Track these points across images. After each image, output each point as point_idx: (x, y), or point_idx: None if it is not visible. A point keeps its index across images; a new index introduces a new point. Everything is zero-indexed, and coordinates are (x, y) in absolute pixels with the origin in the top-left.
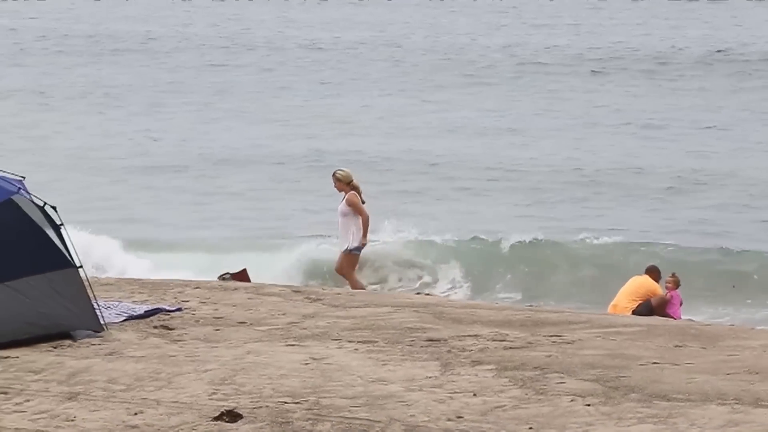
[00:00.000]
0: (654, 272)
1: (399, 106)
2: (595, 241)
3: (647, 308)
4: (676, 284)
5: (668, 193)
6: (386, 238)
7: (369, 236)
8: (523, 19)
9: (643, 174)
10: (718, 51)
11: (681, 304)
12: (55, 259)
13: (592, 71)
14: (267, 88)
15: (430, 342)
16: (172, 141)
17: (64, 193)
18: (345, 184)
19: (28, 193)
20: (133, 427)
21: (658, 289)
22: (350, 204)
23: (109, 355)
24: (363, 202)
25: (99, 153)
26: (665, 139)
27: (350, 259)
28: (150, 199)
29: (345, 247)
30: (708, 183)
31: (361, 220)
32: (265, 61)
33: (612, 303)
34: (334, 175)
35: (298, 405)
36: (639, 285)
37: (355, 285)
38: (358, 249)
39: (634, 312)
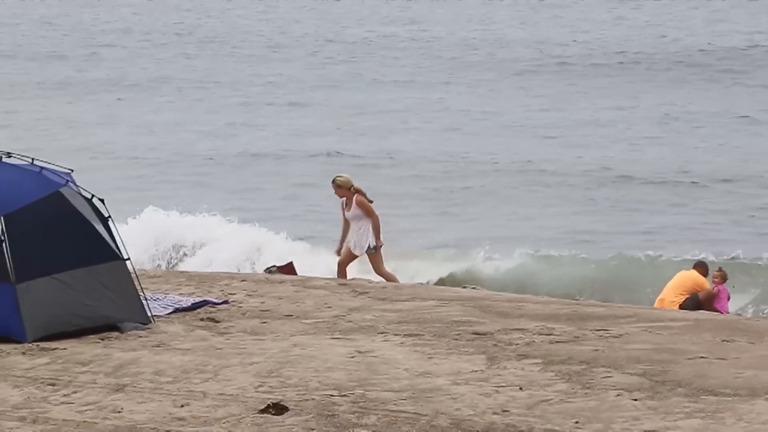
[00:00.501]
0: (702, 267)
1: (428, 102)
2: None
3: (694, 302)
4: (723, 279)
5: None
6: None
7: (382, 237)
8: (554, 13)
9: (688, 174)
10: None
11: (729, 299)
12: (101, 252)
13: (620, 63)
14: (303, 82)
15: (477, 335)
16: (205, 134)
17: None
18: (346, 189)
19: (76, 185)
20: (180, 419)
21: (706, 283)
22: (361, 206)
23: (156, 347)
24: (371, 201)
25: (132, 146)
26: (700, 135)
27: (376, 256)
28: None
29: (366, 247)
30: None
31: (372, 224)
32: (299, 55)
33: (659, 297)
34: (333, 182)
35: (344, 398)
36: (686, 278)
37: (390, 277)
38: (377, 248)
39: (681, 306)
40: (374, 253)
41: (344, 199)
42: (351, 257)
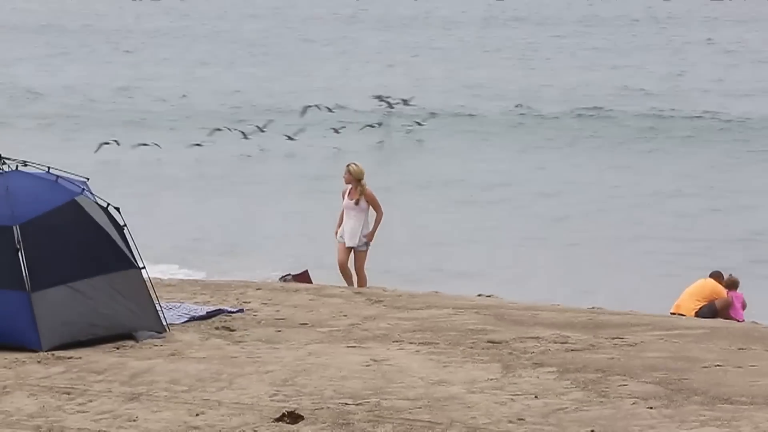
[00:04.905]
0: (718, 277)
1: None
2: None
3: (711, 310)
4: (735, 285)
5: None
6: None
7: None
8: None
9: None
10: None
11: (744, 307)
12: (117, 260)
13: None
14: None
15: (492, 344)
16: None
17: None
18: (355, 179)
19: (91, 194)
20: (195, 428)
21: (724, 291)
22: (371, 199)
23: (171, 355)
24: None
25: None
26: None
27: (363, 254)
28: None
29: (359, 241)
30: None
31: (377, 217)
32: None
33: (675, 303)
34: (347, 166)
35: (359, 406)
36: (703, 286)
37: (364, 279)
38: (368, 245)
39: (698, 313)
40: (363, 251)
41: (349, 186)
42: (348, 254)
